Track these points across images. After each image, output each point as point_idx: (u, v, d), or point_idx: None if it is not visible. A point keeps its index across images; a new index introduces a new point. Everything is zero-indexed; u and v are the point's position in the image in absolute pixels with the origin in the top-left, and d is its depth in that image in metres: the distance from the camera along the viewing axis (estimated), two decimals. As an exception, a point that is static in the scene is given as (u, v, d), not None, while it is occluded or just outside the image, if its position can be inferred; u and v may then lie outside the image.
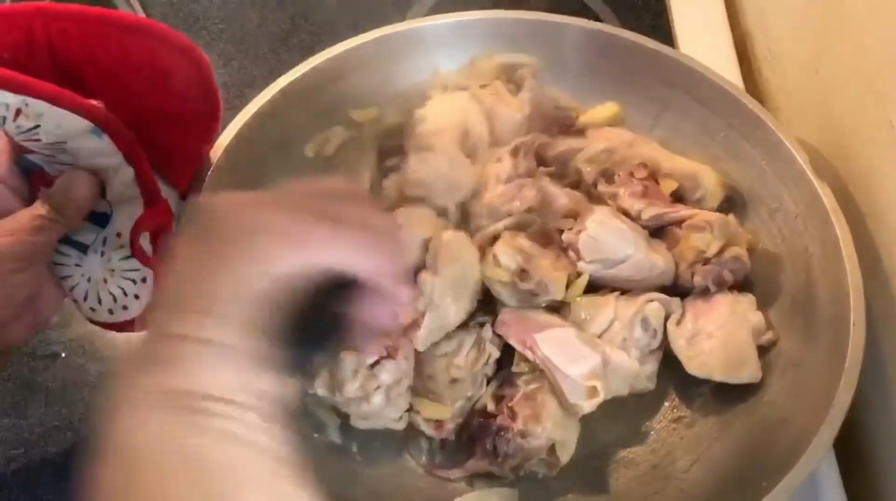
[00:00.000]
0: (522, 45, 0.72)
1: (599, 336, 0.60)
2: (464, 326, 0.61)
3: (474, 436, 0.58)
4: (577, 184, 0.67)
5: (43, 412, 0.64)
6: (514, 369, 0.60)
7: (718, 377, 0.59)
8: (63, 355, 0.66)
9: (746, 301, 0.62)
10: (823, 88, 0.69)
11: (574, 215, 0.63)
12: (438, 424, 0.58)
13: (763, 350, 0.61)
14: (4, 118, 0.45)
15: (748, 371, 0.59)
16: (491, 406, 0.58)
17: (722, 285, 0.61)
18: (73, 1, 0.48)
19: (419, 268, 0.59)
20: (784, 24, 0.78)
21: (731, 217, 0.64)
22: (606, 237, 0.61)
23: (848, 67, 0.65)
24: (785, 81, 0.78)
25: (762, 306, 0.62)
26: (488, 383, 0.60)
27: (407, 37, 0.70)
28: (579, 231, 0.61)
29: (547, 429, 0.56)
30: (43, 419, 0.63)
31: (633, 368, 0.59)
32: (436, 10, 0.87)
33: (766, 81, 0.81)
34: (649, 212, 0.63)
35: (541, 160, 0.67)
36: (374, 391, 0.56)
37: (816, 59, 0.70)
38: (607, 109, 0.72)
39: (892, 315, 0.59)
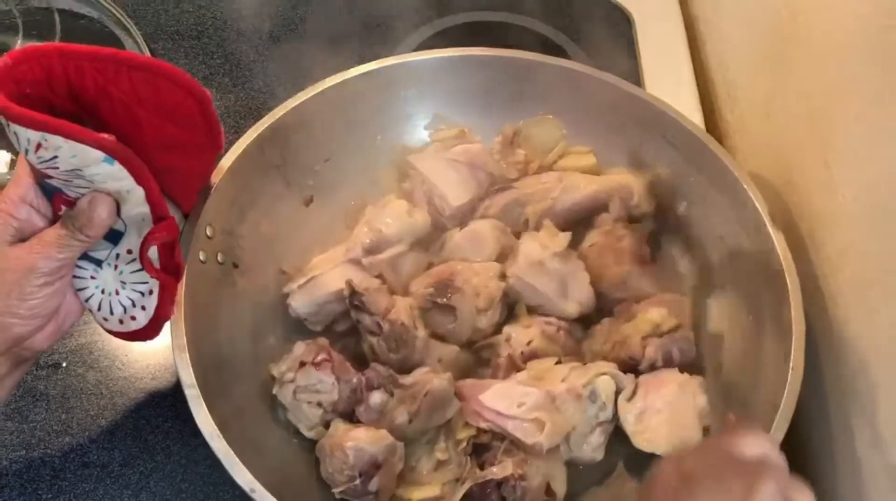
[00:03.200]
0: (504, 81, 0.77)
1: None
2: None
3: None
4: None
5: (44, 417, 0.68)
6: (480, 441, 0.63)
7: (664, 451, 0.61)
8: (64, 365, 0.71)
9: (695, 382, 0.64)
10: (774, 130, 0.75)
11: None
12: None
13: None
14: (27, 150, 0.50)
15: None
16: (477, 472, 0.60)
17: (669, 363, 0.64)
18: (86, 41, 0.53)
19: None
20: (741, 71, 0.85)
21: (685, 299, 0.69)
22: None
23: (793, 111, 0.71)
24: (741, 123, 0.84)
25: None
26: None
27: (397, 70, 0.75)
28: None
29: (540, 466, 0.59)
30: (44, 423, 0.68)
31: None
32: (422, 47, 0.93)
33: (725, 121, 0.88)
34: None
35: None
36: (287, 383, 0.62)
37: (767, 103, 0.77)
38: (585, 158, 0.77)
39: (829, 337, 0.64)
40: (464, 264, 0.68)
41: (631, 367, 0.65)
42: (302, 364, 0.62)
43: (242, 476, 0.53)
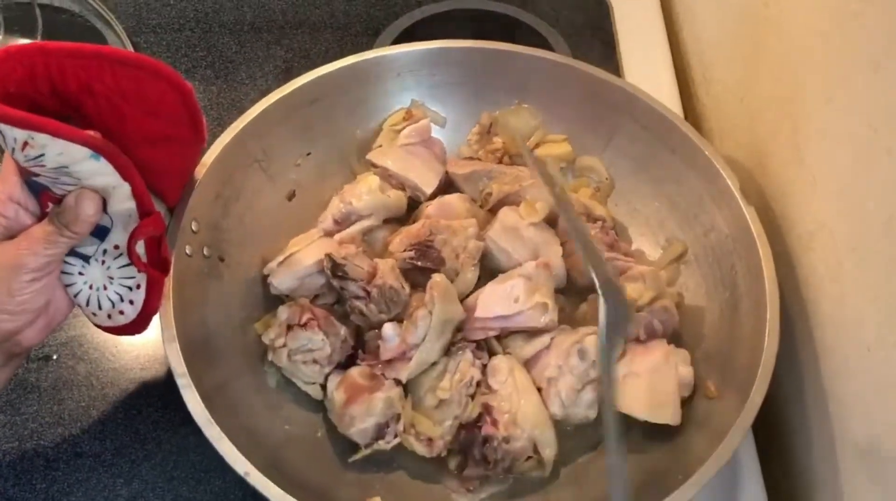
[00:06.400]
0: (481, 72, 0.78)
1: (528, 362, 0.65)
2: (445, 352, 0.66)
3: (464, 448, 0.63)
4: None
5: (36, 409, 0.69)
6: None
7: (640, 415, 0.62)
8: (55, 357, 0.72)
9: (681, 354, 0.65)
10: (748, 113, 0.76)
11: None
12: (429, 442, 0.63)
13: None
14: (14, 149, 0.51)
15: (669, 414, 0.62)
16: (478, 410, 0.63)
17: (652, 336, 0.65)
18: (70, 38, 0.54)
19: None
20: (716, 55, 0.86)
21: (662, 273, 0.70)
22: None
23: (765, 95, 0.72)
24: (717, 106, 0.85)
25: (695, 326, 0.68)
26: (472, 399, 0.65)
27: (376, 64, 0.76)
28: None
29: (526, 430, 0.61)
30: (36, 415, 0.69)
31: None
32: (400, 40, 0.94)
33: (702, 105, 0.89)
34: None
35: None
36: (280, 348, 0.64)
37: (741, 87, 0.78)
38: (560, 146, 0.79)
39: (803, 314, 0.65)
40: (443, 223, 0.69)
41: None
42: (289, 328, 0.64)
43: (237, 460, 0.54)
